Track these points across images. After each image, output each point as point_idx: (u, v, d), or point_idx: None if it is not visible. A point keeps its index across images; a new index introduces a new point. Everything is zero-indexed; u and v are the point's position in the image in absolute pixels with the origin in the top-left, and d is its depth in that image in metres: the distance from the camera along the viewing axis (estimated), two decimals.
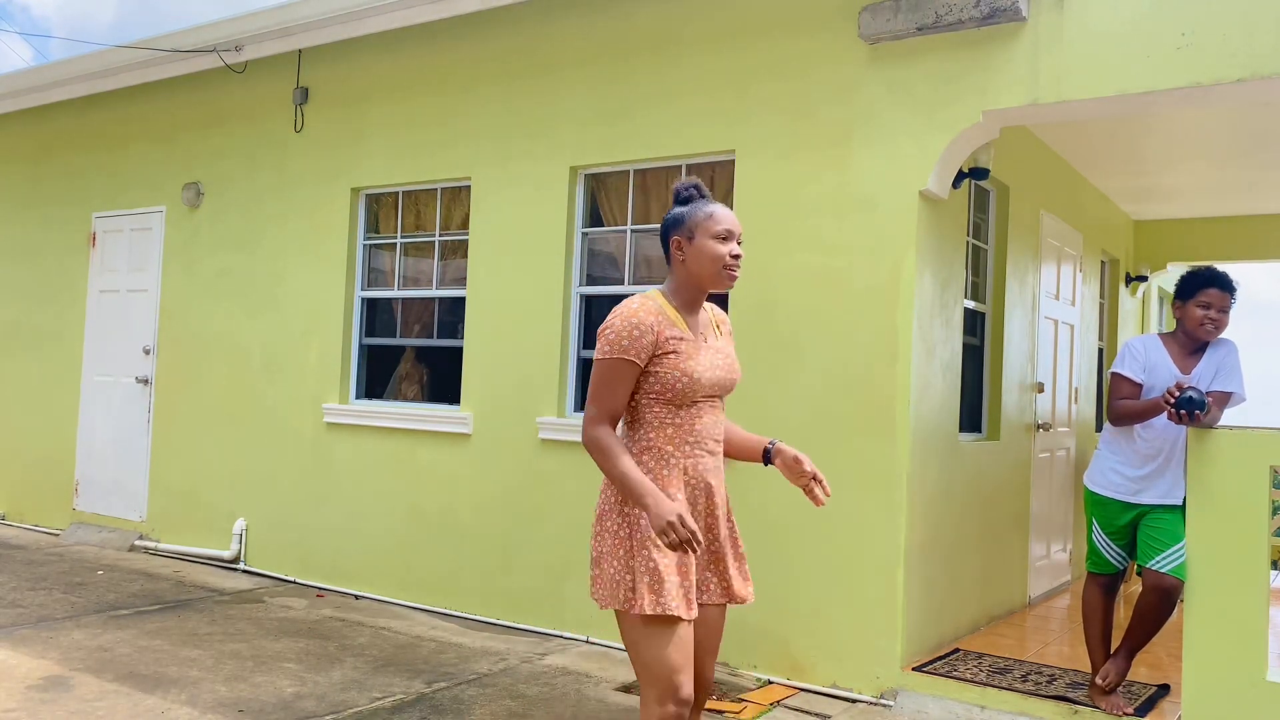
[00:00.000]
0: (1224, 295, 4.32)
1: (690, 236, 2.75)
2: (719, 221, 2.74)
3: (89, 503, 7.98)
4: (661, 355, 2.68)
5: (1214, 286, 4.33)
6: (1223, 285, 4.33)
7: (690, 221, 2.76)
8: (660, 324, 2.68)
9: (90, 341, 8.11)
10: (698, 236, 2.74)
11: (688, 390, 2.70)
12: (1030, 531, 6.36)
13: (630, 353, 2.65)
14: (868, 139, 4.78)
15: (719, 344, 2.84)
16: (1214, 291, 4.32)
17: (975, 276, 5.77)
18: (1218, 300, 4.32)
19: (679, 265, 2.78)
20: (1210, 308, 4.33)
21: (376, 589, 6.30)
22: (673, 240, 2.78)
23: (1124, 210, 8.62)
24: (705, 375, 2.73)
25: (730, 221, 2.75)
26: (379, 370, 6.72)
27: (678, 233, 2.77)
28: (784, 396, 4.93)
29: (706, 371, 2.74)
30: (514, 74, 5.92)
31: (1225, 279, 4.36)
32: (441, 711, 4.22)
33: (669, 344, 2.68)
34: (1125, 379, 4.39)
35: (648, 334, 2.66)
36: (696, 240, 2.74)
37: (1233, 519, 3.75)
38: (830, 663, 4.73)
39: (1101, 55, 4.27)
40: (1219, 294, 4.32)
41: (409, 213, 6.53)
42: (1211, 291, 4.32)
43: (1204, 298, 4.33)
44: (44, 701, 4.09)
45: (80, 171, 8.31)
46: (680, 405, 2.73)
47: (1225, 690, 3.71)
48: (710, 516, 2.80)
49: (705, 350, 2.76)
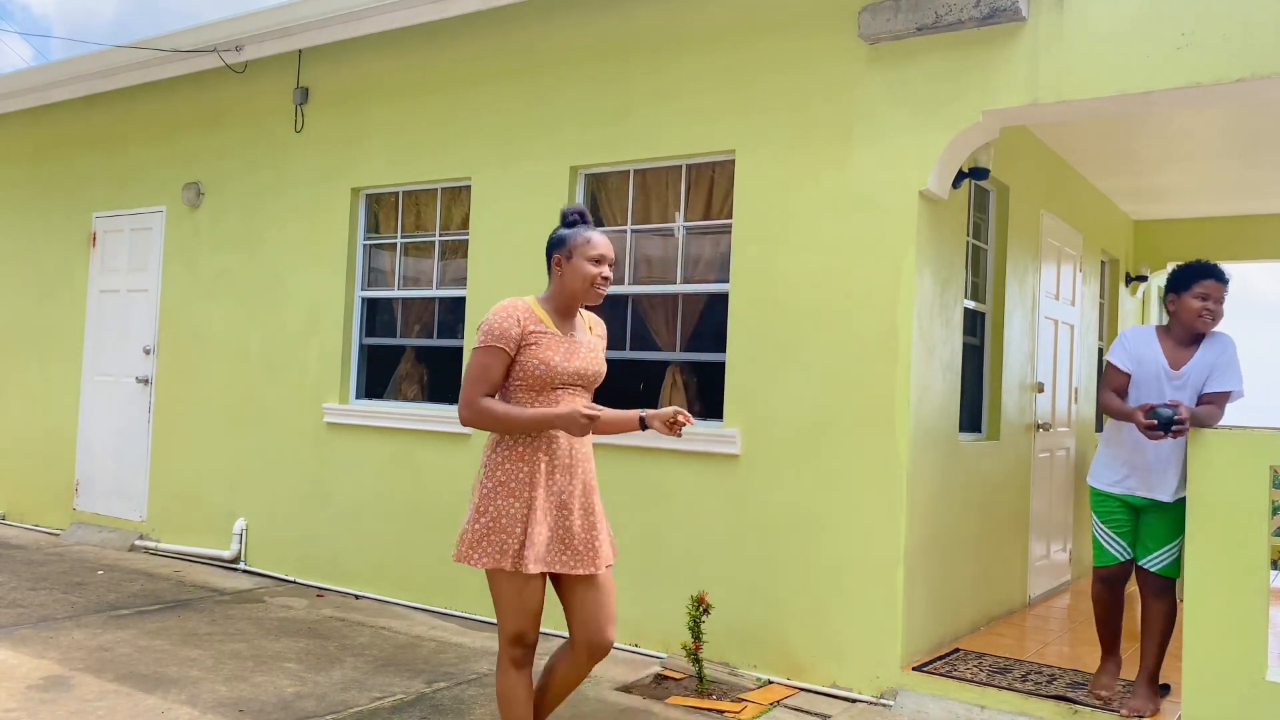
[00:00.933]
0: (1220, 286, 4.31)
1: (569, 256, 3.21)
2: (594, 247, 3.21)
3: (89, 503, 7.98)
4: (525, 346, 3.12)
5: (1210, 278, 4.31)
6: (1218, 277, 4.32)
7: (571, 243, 3.21)
8: (526, 319, 3.14)
9: (90, 341, 8.11)
10: (575, 257, 3.20)
11: (545, 376, 3.11)
12: (1030, 531, 6.36)
13: (501, 341, 3.10)
14: (868, 139, 4.78)
15: (586, 340, 3.27)
16: (1210, 283, 4.30)
17: (975, 276, 5.78)
18: (1214, 291, 4.30)
19: (557, 278, 3.23)
20: (1208, 299, 4.31)
21: (376, 589, 6.30)
22: (554, 257, 3.23)
23: (1124, 210, 8.62)
24: (562, 365, 3.14)
25: (604, 247, 3.23)
26: (379, 370, 6.72)
27: (559, 251, 3.23)
28: (784, 396, 4.93)
29: (564, 361, 3.14)
30: (514, 74, 5.92)
31: (1220, 270, 4.36)
32: (442, 711, 4.22)
33: (531, 337, 3.13)
34: (1114, 368, 4.43)
35: (514, 327, 3.11)
36: (574, 260, 3.20)
37: (1233, 519, 3.75)
38: (830, 663, 4.73)
39: (1101, 55, 4.27)
40: (1215, 285, 4.30)
41: (409, 213, 6.53)
42: (1208, 283, 4.31)
43: (1200, 289, 4.31)
44: (44, 701, 4.09)
45: (80, 171, 8.31)
46: (540, 390, 3.13)
47: (1225, 690, 3.71)
48: (574, 493, 3.17)
49: (567, 344, 3.18)
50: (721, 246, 5.34)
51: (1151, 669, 4.32)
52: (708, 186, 5.41)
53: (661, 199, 5.56)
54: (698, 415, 5.42)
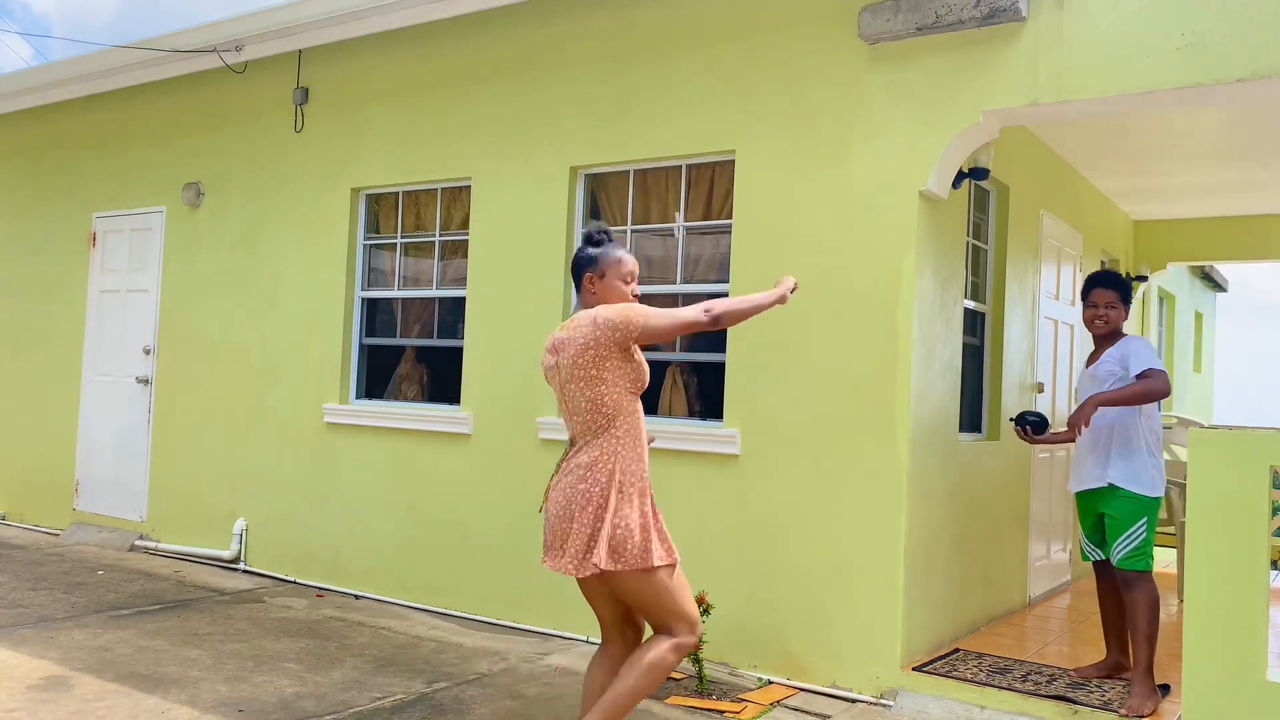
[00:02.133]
0: (1106, 293, 4.63)
1: (602, 275, 3.32)
2: (626, 265, 3.33)
3: (89, 503, 7.98)
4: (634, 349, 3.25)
5: (1098, 286, 4.66)
6: (1105, 284, 4.66)
7: (603, 263, 3.32)
8: None
9: (90, 341, 8.11)
10: (608, 276, 3.32)
11: (643, 379, 3.29)
12: (1030, 531, 6.36)
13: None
14: (867, 139, 4.78)
15: None
16: (1098, 291, 4.65)
17: (975, 276, 5.78)
18: (1101, 298, 4.63)
19: (589, 296, 3.34)
20: (1097, 306, 4.65)
21: (376, 589, 6.30)
22: (586, 276, 3.33)
23: (1124, 210, 8.62)
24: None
25: (634, 266, 3.36)
26: (379, 370, 6.72)
27: (591, 270, 3.32)
28: (784, 397, 4.93)
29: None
30: (514, 74, 5.92)
31: (1108, 278, 4.70)
32: (442, 711, 4.22)
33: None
34: None
35: None
36: (607, 279, 3.32)
37: (1233, 519, 3.75)
38: (830, 663, 4.73)
39: (1102, 55, 4.27)
40: (1101, 292, 4.64)
41: (409, 213, 6.53)
42: (1096, 291, 4.66)
43: (1091, 298, 4.67)
44: (44, 701, 4.09)
45: (80, 171, 8.31)
46: (637, 392, 3.29)
47: (1225, 690, 3.71)
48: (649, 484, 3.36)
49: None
50: (721, 246, 5.34)
51: (1143, 666, 4.35)
52: (708, 186, 5.42)
53: (661, 199, 5.56)
54: (698, 415, 5.42)
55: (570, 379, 3.24)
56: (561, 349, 3.27)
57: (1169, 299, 11.27)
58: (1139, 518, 4.40)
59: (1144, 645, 4.34)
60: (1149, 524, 4.42)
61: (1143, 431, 4.46)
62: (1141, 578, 4.38)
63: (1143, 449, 4.44)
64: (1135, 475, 4.42)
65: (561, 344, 3.28)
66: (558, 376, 3.30)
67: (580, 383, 3.22)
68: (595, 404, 3.21)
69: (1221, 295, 15.02)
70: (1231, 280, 14.07)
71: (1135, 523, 4.39)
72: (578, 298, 3.42)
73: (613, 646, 3.41)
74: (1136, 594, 4.38)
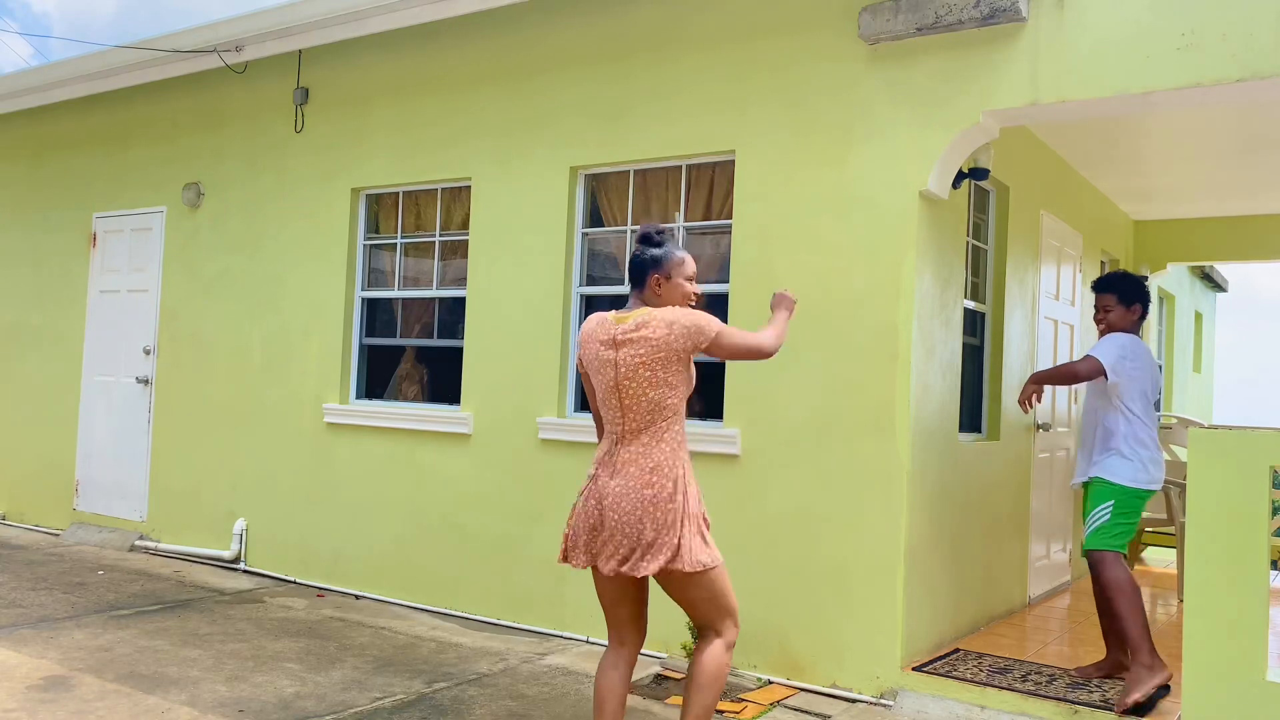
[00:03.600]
0: (1102, 296, 4.88)
1: (669, 276, 3.37)
2: (689, 266, 3.41)
3: (89, 503, 7.98)
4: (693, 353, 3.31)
5: (1094, 290, 4.93)
6: (1100, 288, 4.89)
7: (668, 264, 3.37)
8: None
9: (91, 341, 8.11)
10: (674, 276, 3.37)
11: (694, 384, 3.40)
12: (1030, 531, 6.36)
13: None
14: (867, 139, 4.78)
15: None
16: (1096, 296, 4.91)
17: (975, 276, 5.78)
18: (1099, 301, 4.89)
19: (654, 297, 3.37)
20: (1097, 310, 4.91)
21: (376, 589, 6.30)
22: (652, 277, 3.36)
23: (1124, 210, 8.62)
24: None
25: (694, 267, 3.45)
26: (379, 370, 6.72)
27: (657, 271, 3.36)
28: (784, 397, 4.93)
29: None
30: (514, 74, 5.92)
31: (1102, 281, 4.92)
32: (442, 711, 4.22)
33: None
34: None
35: None
36: (673, 279, 3.37)
37: (1233, 519, 3.75)
38: (830, 663, 4.73)
39: (1102, 55, 4.27)
40: (1098, 296, 4.89)
41: (409, 213, 6.53)
42: (1096, 296, 4.91)
43: (1095, 303, 4.93)
44: (44, 701, 4.09)
45: (81, 172, 8.31)
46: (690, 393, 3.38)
47: (1225, 690, 3.71)
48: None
49: None
50: (721, 246, 5.34)
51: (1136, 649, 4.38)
52: (708, 186, 5.42)
53: (661, 199, 5.56)
54: (698, 415, 5.42)
55: (633, 377, 3.23)
56: (625, 345, 3.25)
57: (1169, 299, 11.27)
58: (1105, 499, 4.56)
59: (1124, 626, 4.40)
60: (1118, 509, 4.53)
61: (1122, 430, 4.60)
62: (1103, 559, 4.50)
63: (1123, 445, 4.59)
64: (1111, 467, 4.59)
65: (626, 340, 3.25)
66: (612, 371, 3.26)
67: (645, 383, 3.23)
68: (659, 405, 3.24)
69: (1221, 295, 15.02)
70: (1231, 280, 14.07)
71: (1100, 504, 4.56)
72: (635, 296, 3.40)
73: (627, 649, 3.41)
74: (1103, 576, 4.50)
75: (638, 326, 3.25)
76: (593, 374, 3.34)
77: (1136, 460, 4.56)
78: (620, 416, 3.28)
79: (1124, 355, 4.62)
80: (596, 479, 3.30)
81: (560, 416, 5.63)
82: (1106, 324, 4.83)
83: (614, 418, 3.30)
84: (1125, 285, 4.82)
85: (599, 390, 3.34)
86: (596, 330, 3.33)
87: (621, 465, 3.24)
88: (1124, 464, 4.56)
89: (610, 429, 3.33)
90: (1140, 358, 4.67)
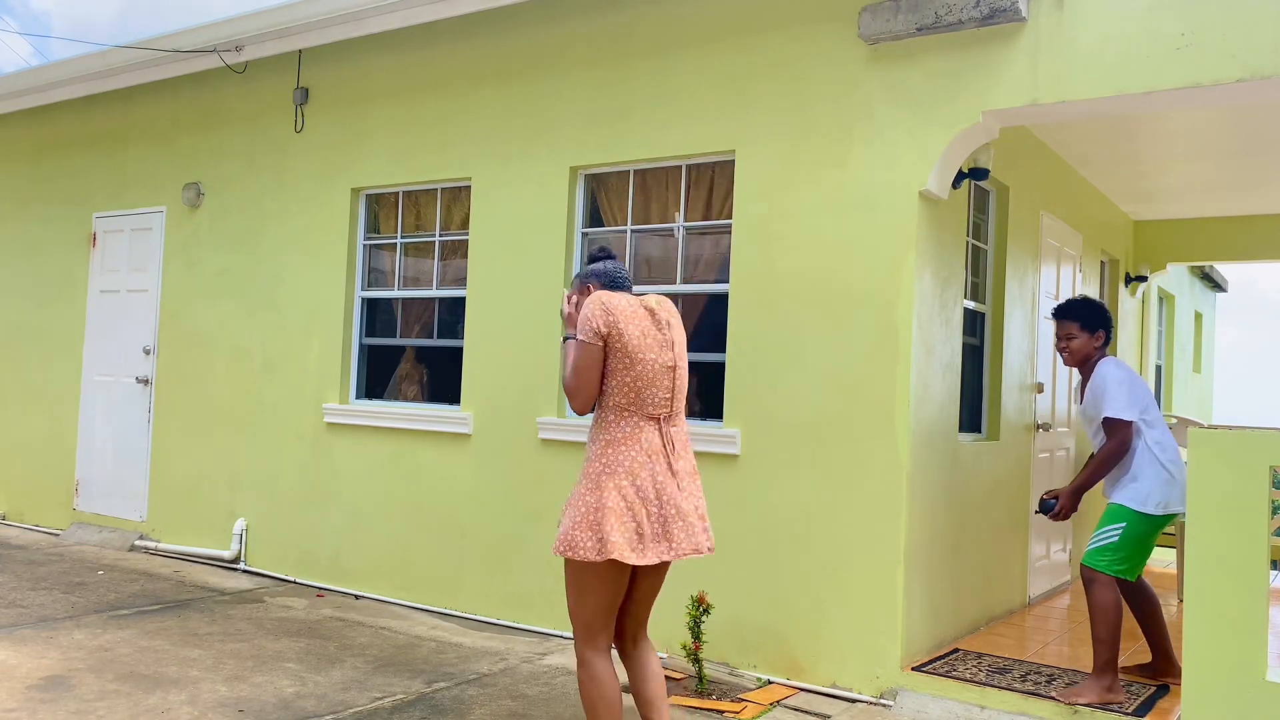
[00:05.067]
0: (1063, 324, 4.70)
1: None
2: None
3: (89, 503, 7.98)
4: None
5: (1054, 318, 4.75)
6: (1060, 315, 4.73)
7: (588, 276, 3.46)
8: None
9: (90, 341, 8.11)
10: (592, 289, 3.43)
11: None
12: (1030, 531, 6.36)
13: None
14: (867, 139, 4.78)
15: None
16: (1056, 323, 4.74)
17: (975, 276, 5.78)
18: (1060, 330, 4.72)
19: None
20: (1058, 338, 4.74)
21: (376, 589, 6.30)
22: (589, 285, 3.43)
23: (1124, 210, 8.62)
24: None
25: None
26: (379, 370, 6.72)
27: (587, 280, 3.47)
28: (784, 396, 4.93)
29: None
30: (514, 74, 5.92)
31: (1062, 308, 4.74)
32: (442, 711, 4.22)
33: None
34: None
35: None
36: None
37: (1232, 519, 3.75)
38: (830, 663, 4.73)
39: (1101, 55, 4.27)
40: (1059, 324, 4.72)
41: (409, 213, 6.53)
42: (1056, 324, 4.74)
43: (1055, 330, 4.76)
44: (44, 701, 4.09)
45: (80, 171, 8.31)
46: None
47: (1225, 690, 3.71)
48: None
49: None
50: (721, 246, 5.34)
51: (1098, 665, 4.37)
52: (708, 186, 5.42)
53: (661, 199, 5.56)
54: (698, 415, 5.43)
55: (683, 356, 3.32)
56: (673, 327, 3.30)
57: (1169, 299, 11.27)
58: (1114, 521, 4.43)
59: (1098, 647, 4.38)
60: (1128, 534, 4.40)
61: (1139, 454, 4.47)
62: (1096, 578, 4.40)
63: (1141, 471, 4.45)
64: (1128, 492, 4.45)
65: (669, 323, 3.30)
66: (670, 351, 3.25)
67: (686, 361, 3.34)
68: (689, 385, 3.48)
69: (1221, 295, 15.03)
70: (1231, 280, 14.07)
71: (1108, 524, 4.44)
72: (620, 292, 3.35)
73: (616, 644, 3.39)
74: (1092, 595, 4.41)
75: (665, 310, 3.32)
76: (643, 351, 3.18)
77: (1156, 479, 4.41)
78: (668, 397, 3.24)
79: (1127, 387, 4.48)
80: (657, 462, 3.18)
81: (560, 416, 5.63)
82: (1069, 351, 4.68)
83: (662, 399, 3.22)
84: (1088, 312, 4.67)
85: (647, 369, 3.19)
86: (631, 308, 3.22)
87: (681, 446, 3.27)
88: (1139, 488, 4.42)
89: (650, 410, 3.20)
90: (1131, 375, 4.56)
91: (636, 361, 3.17)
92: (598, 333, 3.17)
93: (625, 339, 3.16)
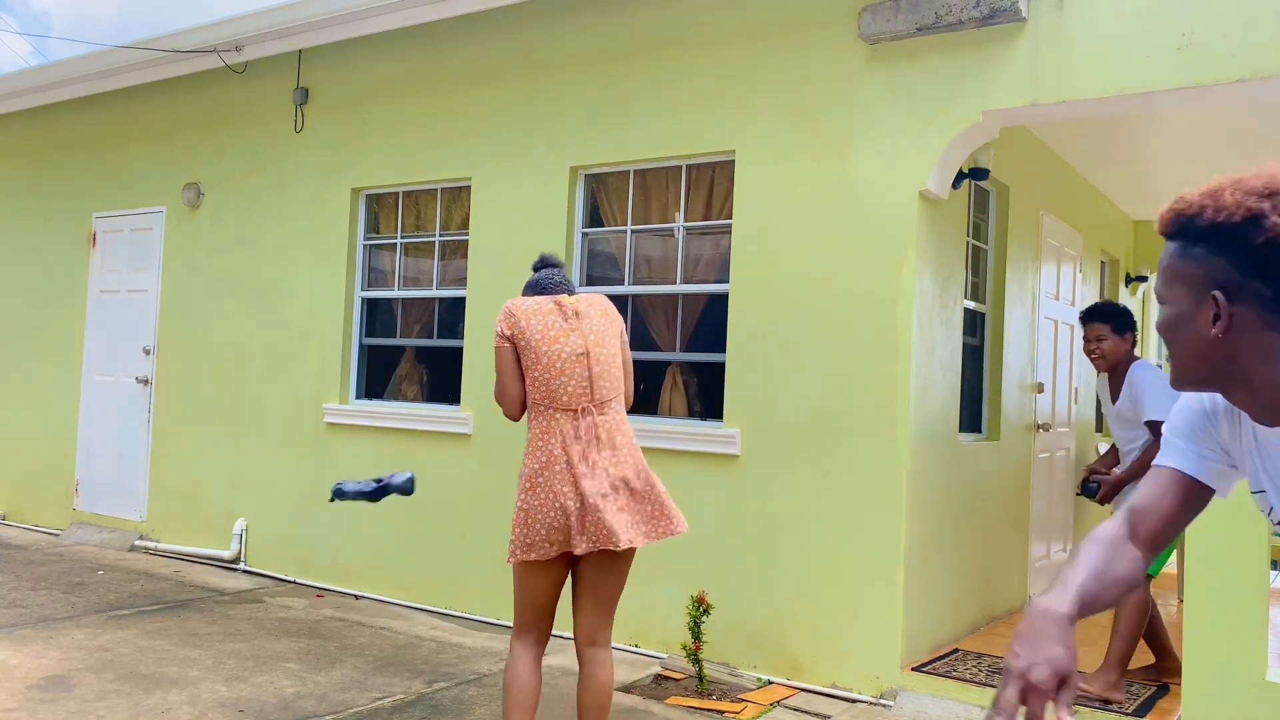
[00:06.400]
0: (1094, 327, 4.68)
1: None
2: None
3: (89, 503, 7.98)
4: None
5: (1084, 321, 4.76)
6: (1090, 318, 4.71)
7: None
8: None
9: (90, 341, 8.11)
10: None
11: None
12: (1030, 532, 6.36)
13: None
14: (867, 139, 4.78)
15: None
16: (1086, 326, 4.73)
17: (975, 276, 5.77)
18: (1090, 333, 4.70)
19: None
20: (1088, 340, 4.73)
21: (376, 589, 6.30)
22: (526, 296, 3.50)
23: (1124, 210, 8.62)
24: None
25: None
26: (379, 370, 6.72)
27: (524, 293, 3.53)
28: (784, 396, 4.93)
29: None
30: (514, 74, 5.92)
31: (1093, 311, 4.71)
32: (442, 711, 4.22)
33: None
34: None
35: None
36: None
37: (1233, 519, 3.75)
38: (830, 663, 4.73)
39: (1101, 55, 4.27)
40: (1091, 326, 4.71)
41: (409, 213, 6.53)
42: (1085, 326, 4.74)
43: (1085, 333, 4.75)
44: (44, 701, 4.09)
45: (80, 171, 8.31)
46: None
47: (1225, 690, 3.71)
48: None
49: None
50: (721, 246, 5.34)
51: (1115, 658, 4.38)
52: (708, 186, 5.41)
53: (661, 199, 5.56)
54: (698, 415, 5.43)
55: (601, 343, 3.32)
56: (586, 317, 3.33)
57: None
58: None
59: (1115, 641, 4.39)
60: None
61: None
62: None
63: None
64: None
65: (579, 313, 3.34)
66: (579, 339, 3.29)
67: (612, 348, 3.36)
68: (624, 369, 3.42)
69: None
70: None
71: None
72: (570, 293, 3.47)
73: (541, 648, 3.35)
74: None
75: (579, 301, 3.39)
76: (545, 343, 3.27)
77: None
78: (587, 388, 3.29)
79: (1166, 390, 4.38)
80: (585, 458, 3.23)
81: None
82: (1101, 354, 4.68)
83: (575, 390, 3.27)
84: (1118, 314, 4.68)
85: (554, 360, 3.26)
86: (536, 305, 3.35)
87: (604, 433, 3.29)
88: None
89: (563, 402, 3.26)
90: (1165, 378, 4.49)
91: (541, 355, 3.27)
92: (503, 335, 3.32)
93: (528, 335, 3.28)
